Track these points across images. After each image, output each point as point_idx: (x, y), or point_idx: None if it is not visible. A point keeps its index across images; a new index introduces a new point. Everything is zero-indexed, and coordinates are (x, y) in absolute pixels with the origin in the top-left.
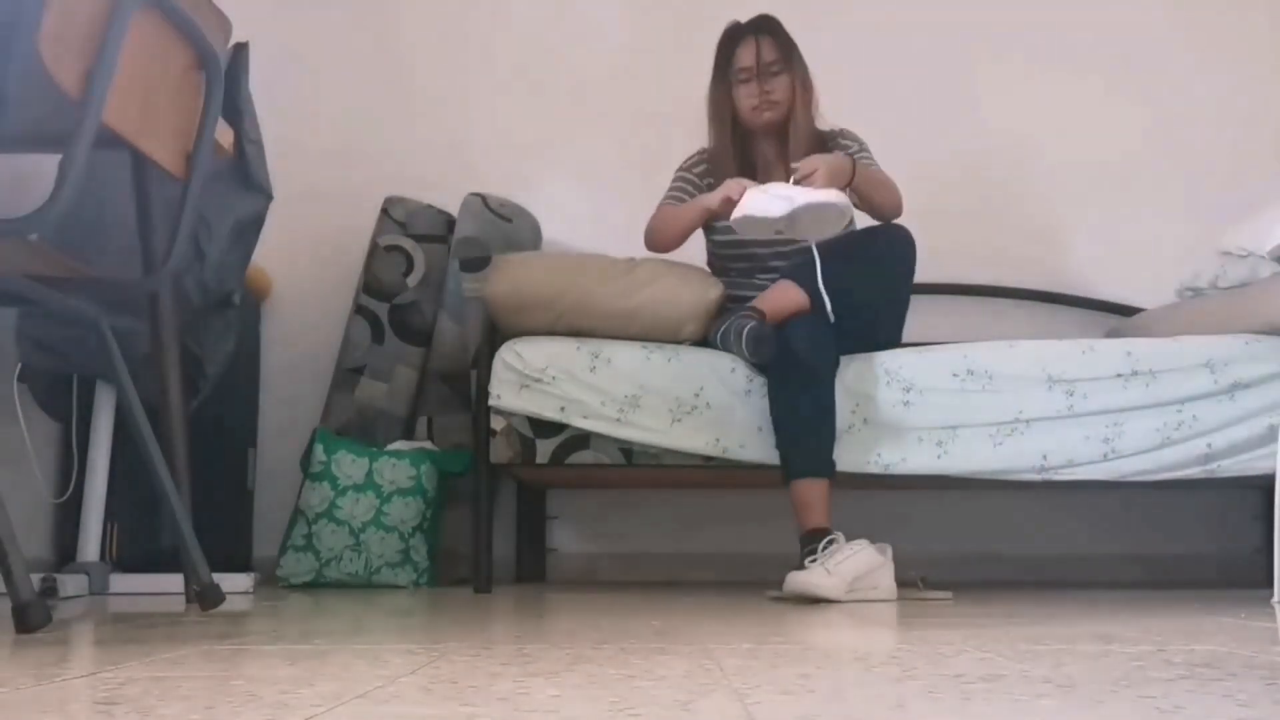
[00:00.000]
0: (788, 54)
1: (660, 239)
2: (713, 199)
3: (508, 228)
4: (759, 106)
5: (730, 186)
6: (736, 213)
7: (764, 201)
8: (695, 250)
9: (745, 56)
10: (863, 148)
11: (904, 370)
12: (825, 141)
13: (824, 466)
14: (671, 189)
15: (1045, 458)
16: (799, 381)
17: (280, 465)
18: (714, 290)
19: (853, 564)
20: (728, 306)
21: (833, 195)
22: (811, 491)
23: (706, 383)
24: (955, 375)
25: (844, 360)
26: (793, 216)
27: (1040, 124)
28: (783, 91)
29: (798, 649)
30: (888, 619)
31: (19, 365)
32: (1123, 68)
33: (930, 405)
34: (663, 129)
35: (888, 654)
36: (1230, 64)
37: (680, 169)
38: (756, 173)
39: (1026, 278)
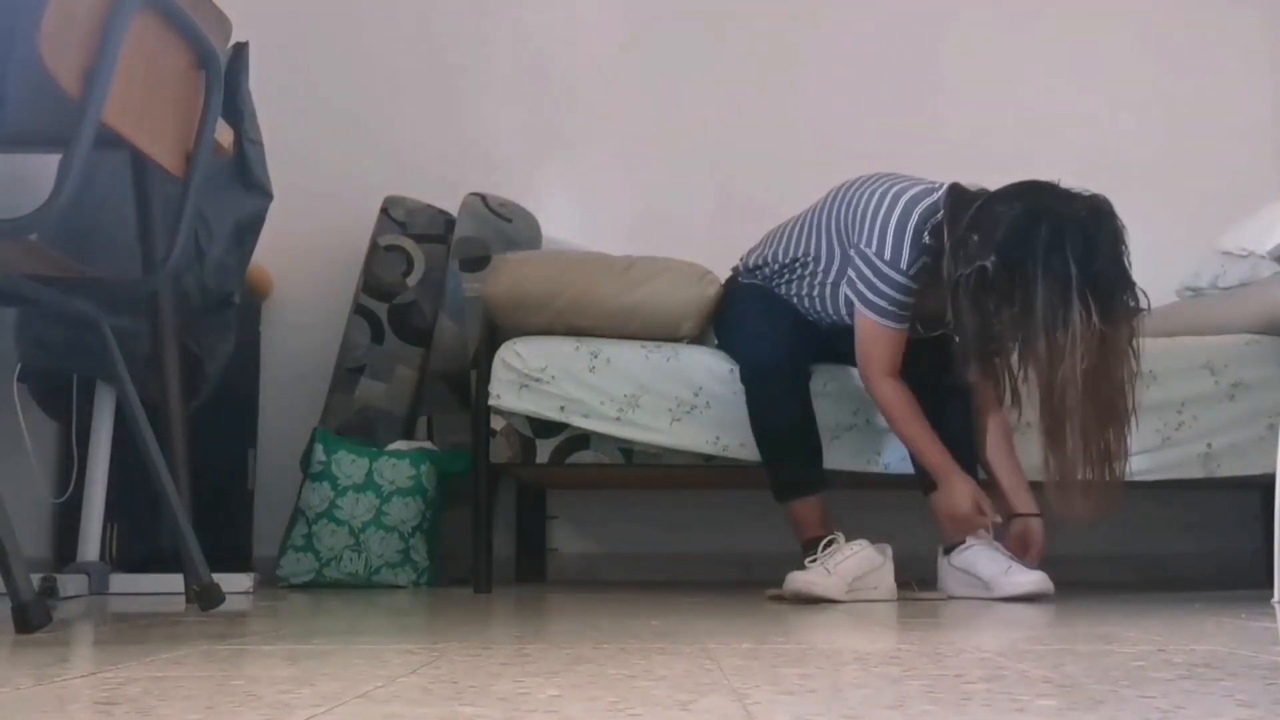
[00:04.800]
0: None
1: (886, 408)
2: (950, 497)
3: (508, 228)
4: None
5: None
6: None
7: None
8: (696, 248)
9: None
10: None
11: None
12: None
13: (811, 484)
14: (895, 305)
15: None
16: (771, 398)
17: (280, 465)
18: (710, 287)
19: (852, 564)
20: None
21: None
22: (804, 510)
23: (706, 381)
24: None
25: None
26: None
27: (1040, 124)
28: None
29: (798, 649)
30: (888, 619)
31: (19, 365)
32: (1123, 68)
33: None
34: (662, 129)
35: (888, 654)
36: (1230, 64)
37: (902, 271)
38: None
39: None
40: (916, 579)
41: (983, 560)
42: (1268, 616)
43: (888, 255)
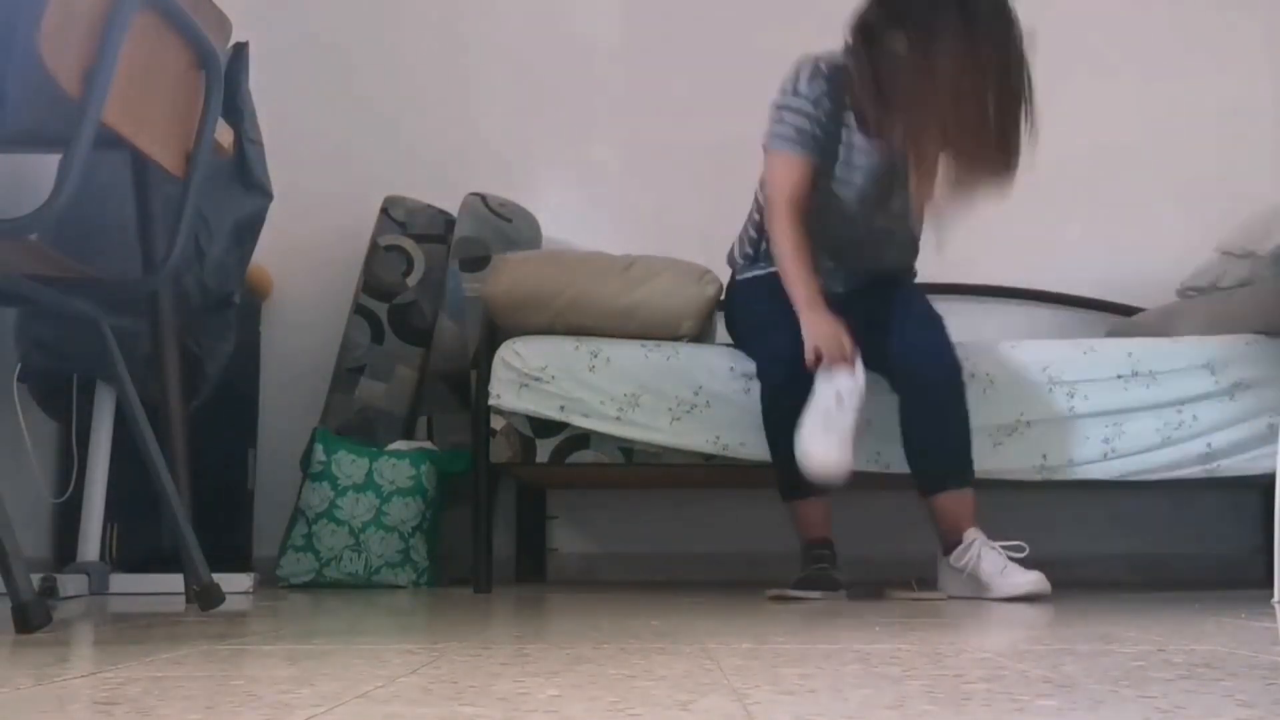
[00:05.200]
0: None
1: (772, 234)
2: (808, 330)
3: (508, 228)
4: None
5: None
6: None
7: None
8: (696, 248)
9: None
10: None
11: None
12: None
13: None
14: (791, 128)
15: (1045, 458)
16: (784, 395)
17: (280, 465)
18: (710, 287)
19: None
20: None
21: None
22: (807, 509)
23: (706, 381)
24: None
25: None
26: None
27: (1038, 124)
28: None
29: (798, 649)
30: (888, 619)
31: (19, 365)
32: (1123, 67)
33: None
34: (662, 128)
35: (888, 654)
36: (1230, 63)
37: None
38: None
39: (1026, 278)
40: (916, 579)
41: (982, 560)
42: (1268, 616)
43: (788, 88)
